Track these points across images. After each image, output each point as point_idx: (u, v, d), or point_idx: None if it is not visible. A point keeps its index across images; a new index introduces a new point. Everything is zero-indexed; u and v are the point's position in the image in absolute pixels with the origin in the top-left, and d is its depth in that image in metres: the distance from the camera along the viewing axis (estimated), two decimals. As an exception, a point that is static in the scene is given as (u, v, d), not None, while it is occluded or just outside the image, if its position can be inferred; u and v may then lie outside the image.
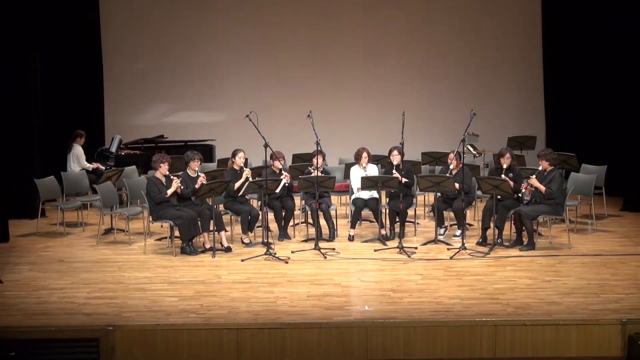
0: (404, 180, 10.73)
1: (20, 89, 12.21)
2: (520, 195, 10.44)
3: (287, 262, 9.78)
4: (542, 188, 10.15)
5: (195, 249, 10.23)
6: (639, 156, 12.52)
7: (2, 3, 11.64)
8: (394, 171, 10.68)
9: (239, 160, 10.78)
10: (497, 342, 7.63)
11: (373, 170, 11.01)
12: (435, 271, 9.39)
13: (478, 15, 15.92)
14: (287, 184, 10.80)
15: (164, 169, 10.31)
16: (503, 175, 10.30)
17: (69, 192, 12.10)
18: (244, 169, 10.72)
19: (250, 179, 10.51)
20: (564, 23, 14.96)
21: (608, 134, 13.61)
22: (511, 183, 10.23)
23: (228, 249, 10.31)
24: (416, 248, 10.37)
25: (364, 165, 10.95)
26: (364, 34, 15.88)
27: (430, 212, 11.86)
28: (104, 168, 13.04)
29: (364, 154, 10.95)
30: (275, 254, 9.98)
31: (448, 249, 10.29)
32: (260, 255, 9.98)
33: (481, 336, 7.63)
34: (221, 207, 11.01)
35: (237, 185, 10.57)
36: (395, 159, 10.76)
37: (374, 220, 11.22)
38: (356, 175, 10.92)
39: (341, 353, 7.62)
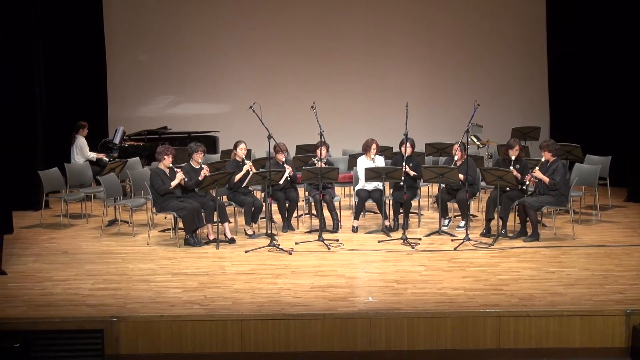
0: (412, 173, 10.71)
1: (24, 81, 12.21)
2: (525, 186, 10.43)
3: (290, 254, 9.78)
4: (546, 179, 10.14)
5: (199, 241, 10.24)
6: (644, 147, 12.51)
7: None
8: (403, 163, 10.65)
9: (241, 151, 10.78)
10: (501, 333, 7.63)
11: (381, 162, 11.00)
12: (439, 262, 9.40)
13: (482, 6, 15.87)
14: (289, 177, 10.79)
15: (167, 161, 10.30)
16: (511, 167, 10.27)
17: (73, 183, 12.11)
18: (246, 161, 10.72)
19: (252, 171, 10.51)
20: (569, 13, 14.90)
21: (612, 124, 13.57)
22: (518, 175, 10.21)
23: (232, 241, 10.32)
24: (420, 239, 10.37)
25: (372, 156, 10.93)
26: (368, 24, 15.84)
27: (434, 203, 11.86)
28: (107, 159, 13.04)
29: (373, 145, 10.93)
30: (279, 245, 9.98)
31: (452, 240, 10.28)
32: (264, 247, 9.98)
33: (485, 327, 7.64)
34: (225, 198, 11.01)
35: (237, 177, 10.56)
36: (407, 151, 10.72)
37: (378, 211, 11.21)
38: (363, 166, 10.90)
39: (345, 344, 7.63)
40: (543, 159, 10.30)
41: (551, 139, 11.70)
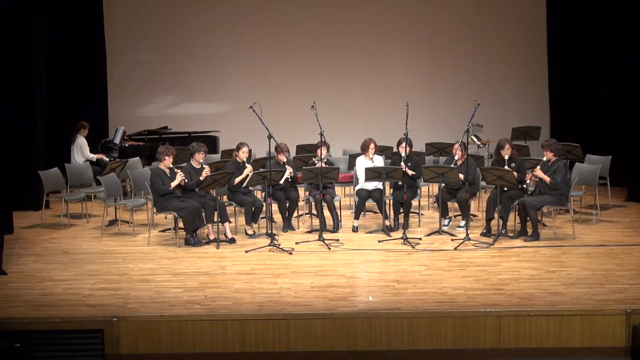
0: (411, 172, 10.71)
1: (24, 81, 12.21)
2: (525, 185, 10.43)
3: (291, 253, 9.79)
4: (547, 179, 10.14)
5: (200, 241, 10.24)
6: (644, 146, 12.50)
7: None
8: (402, 163, 10.65)
9: (243, 154, 10.79)
10: (501, 333, 7.64)
11: (379, 162, 11.00)
12: (440, 262, 9.40)
13: (483, 5, 15.87)
14: (289, 178, 10.80)
15: (168, 161, 10.31)
16: (506, 167, 10.28)
17: (73, 183, 12.12)
18: (246, 164, 10.72)
19: (252, 173, 10.52)
20: (569, 13, 14.90)
21: (613, 123, 13.57)
22: (515, 174, 10.21)
23: (232, 240, 10.32)
24: (420, 239, 10.37)
25: (370, 156, 10.93)
26: (369, 24, 15.84)
27: (435, 203, 11.86)
28: (107, 159, 13.04)
29: (371, 145, 10.94)
30: (279, 245, 9.98)
31: (452, 240, 10.28)
32: (264, 247, 9.99)
33: (485, 327, 7.64)
34: (225, 198, 11.02)
35: (237, 180, 10.57)
36: (404, 150, 10.73)
37: (378, 211, 11.21)
38: (362, 166, 10.90)
39: (345, 344, 7.64)
40: (545, 158, 10.30)
41: (553, 138, 11.69)
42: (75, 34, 14.46)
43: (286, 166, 10.83)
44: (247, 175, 10.55)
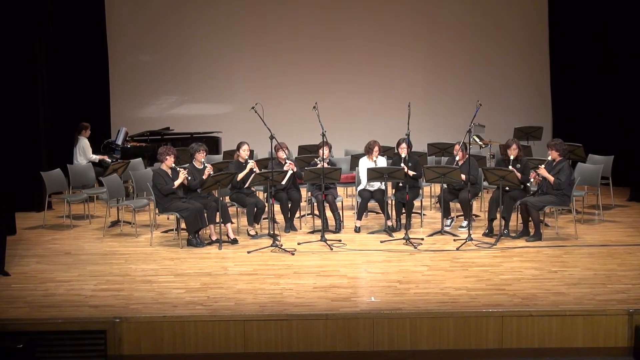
0: (411, 173, 10.71)
1: (27, 82, 12.22)
2: (527, 185, 10.43)
3: (293, 254, 9.79)
4: (551, 178, 10.13)
5: (202, 241, 10.25)
6: (646, 146, 12.48)
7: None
8: (402, 164, 10.65)
9: (243, 152, 10.79)
10: (504, 333, 7.64)
11: (383, 163, 11.00)
12: (442, 262, 9.39)
13: (485, 5, 15.87)
14: (294, 171, 10.78)
15: (169, 161, 10.32)
16: (510, 167, 10.28)
17: (76, 184, 12.12)
18: (249, 160, 10.73)
19: (256, 169, 10.51)
20: (571, 13, 14.89)
21: (615, 123, 13.56)
22: (518, 174, 10.20)
23: (234, 241, 10.32)
24: (422, 239, 10.37)
25: (374, 158, 10.93)
26: (371, 24, 15.83)
27: (437, 203, 11.86)
28: (110, 160, 13.05)
29: (376, 148, 10.94)
30: (281, 245, 9.99)
31: (454, 240, 10.29)
32: (266, 247, 9.99)
33: (487, 327, 7.64)
34: (227, 199, 11.02)
35: (240, 176, 10.57)
36: (403, 151, 10.74)
37: (380, 211, 11.21)
38: (365, 167, 10.89)
39: (347, 344, 7.64)
40: (549, 158, 10.29)
41: (559, 138, 11.66)
42: (77, 35, 14.47)
43: (287, 161, 10.81)
44: (251, 169, 10.54)
